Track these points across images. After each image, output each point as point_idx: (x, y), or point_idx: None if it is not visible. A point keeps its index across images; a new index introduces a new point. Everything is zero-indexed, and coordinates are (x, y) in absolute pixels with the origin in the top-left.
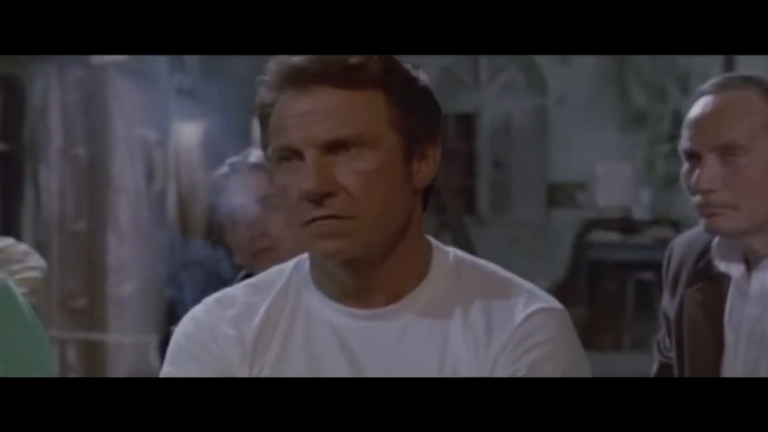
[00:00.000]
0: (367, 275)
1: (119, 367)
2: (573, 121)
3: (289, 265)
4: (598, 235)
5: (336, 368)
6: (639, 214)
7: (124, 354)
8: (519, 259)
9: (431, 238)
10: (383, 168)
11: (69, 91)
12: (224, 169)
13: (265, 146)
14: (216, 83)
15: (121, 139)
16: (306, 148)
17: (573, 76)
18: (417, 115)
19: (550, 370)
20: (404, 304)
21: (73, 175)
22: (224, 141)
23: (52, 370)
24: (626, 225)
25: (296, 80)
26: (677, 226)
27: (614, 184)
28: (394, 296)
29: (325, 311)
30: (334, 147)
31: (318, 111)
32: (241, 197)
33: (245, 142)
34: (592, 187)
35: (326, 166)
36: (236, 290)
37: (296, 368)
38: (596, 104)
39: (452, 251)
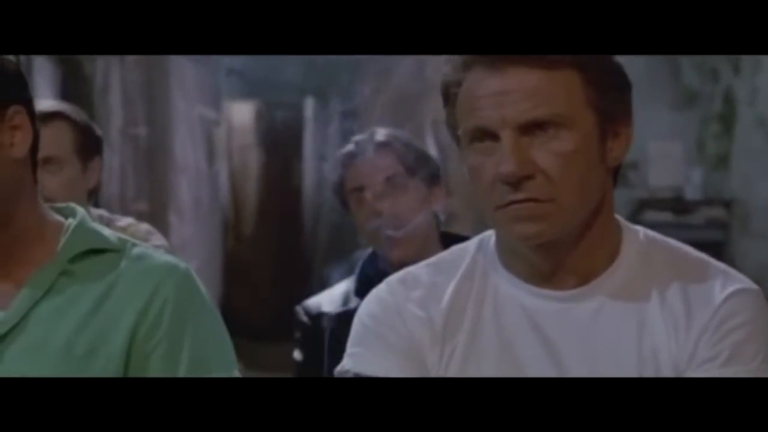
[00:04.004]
0: (561, 257)
1: None
2: None
3: (471, 245)
4: (651, 215)
5: (530, 350)
6: (691, 194)
7: None
8: None
9: (619, 217)
10: (580, 149)
11: (129, 71)
12: (350, 146)
13: (452, 126)
14: (265, 63)
15: (181, 119)
16: (502, 129)
17: (625, 56)
18: (611, 93)
19: (752, 351)
20: (597, 285)
21: (133, 155)
22: (276, 120)
23: (235, 368)
24: (678, 205)
25: (487, 59)
26: (729, 206)
27: (666, 163)
28: (586, 278)
29: (516, 293)
30: (531, 128)
31: (514, 91)
32: (366, 176)
33: (297, 122)
34: (645, 167)
35: (523, 147)
36: (418, 270)
37: (488, 350)
38: (648, 84)
39: (641, 230)
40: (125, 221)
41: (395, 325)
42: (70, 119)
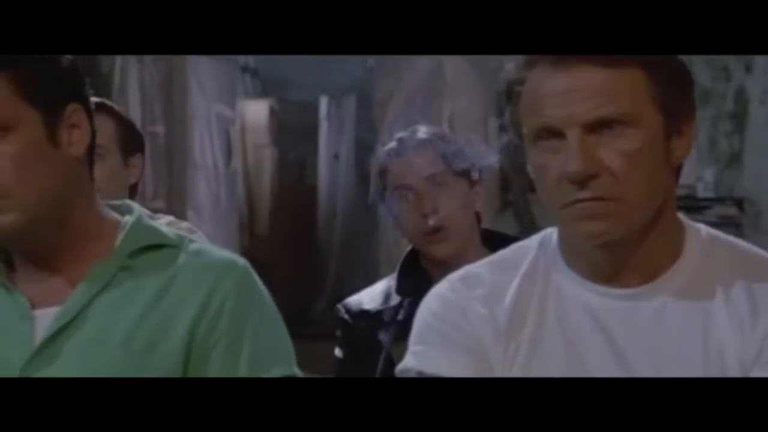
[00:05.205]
0: (625, 255)
1: None
2: None
3: (533, 242)
4: None
5: (594, 348)
6: (703, 192)
7: None
8: None
9: (682, 216)
10: (646, 147)
11: (147, 69)
12: (392, 144)
13: (515, 124)
14: (279, 61)
15: (200, 117)
16: (568, 128)
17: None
18: (675, 91)
19: None
20: (661, 284)
21: (151, 153)
22: (290, 118)
23: (295, 364)
24: (691, 203)
25: (551, 57)
26: (741, 204)
27: None
28: (649, 276)
29: (579, 291)
30: (597, 126)
31: (579, 89)
32: (409, 174)
33: (311, 121)
34: None
35: (590, 146)
36: (479, 268)
37: (552, 348)
38: None
39: (703, 228)
40: (166, 219)
41: (459, 323)
42: (113, 112)
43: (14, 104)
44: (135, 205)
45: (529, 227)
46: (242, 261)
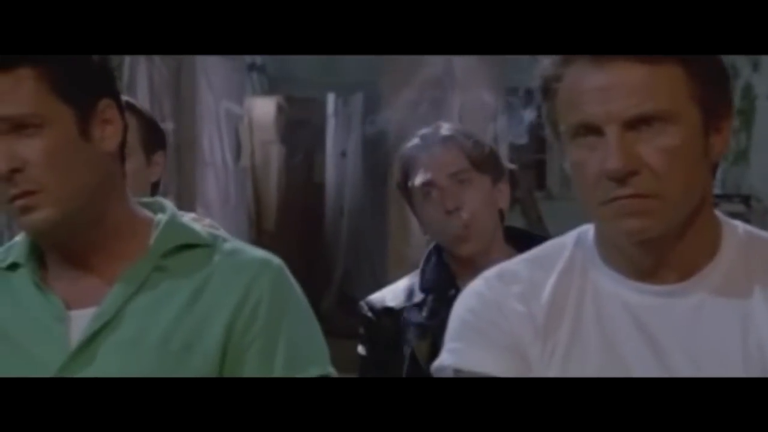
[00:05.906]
0: (663, 252)
1: None
2: None
3: (569, 239)
4: None
5: (632, 346)
6: None
7: None
8: None
9: (718, 213)
10: (686, 144)
11: (156, 66)
12: (415, 141)
13: (552, 121)
14: (287, 58)
15: (208, 114)
16: (607, 125)
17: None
18: (714, 87)
19: None
20: (699, 280)
21: None
22: (298, 115)
23: (329, 364)
24: None
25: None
26: (747, 201)
27: None
28: (687, 272)
29: (617, 288)
30: (637, 123)
31: (618, 86)
32: (432, 171)
33: (318, 118)
34: None
35: (629, 143)
36: (515, 265)
37: (590, 345)
38: None
39: (740, 225)
40: (188, 216)
41: (496, 320)
42: (135, 109)
43: (47, 101)
44: (168, 203)
45: (536, 224)
46: (277, 260)
